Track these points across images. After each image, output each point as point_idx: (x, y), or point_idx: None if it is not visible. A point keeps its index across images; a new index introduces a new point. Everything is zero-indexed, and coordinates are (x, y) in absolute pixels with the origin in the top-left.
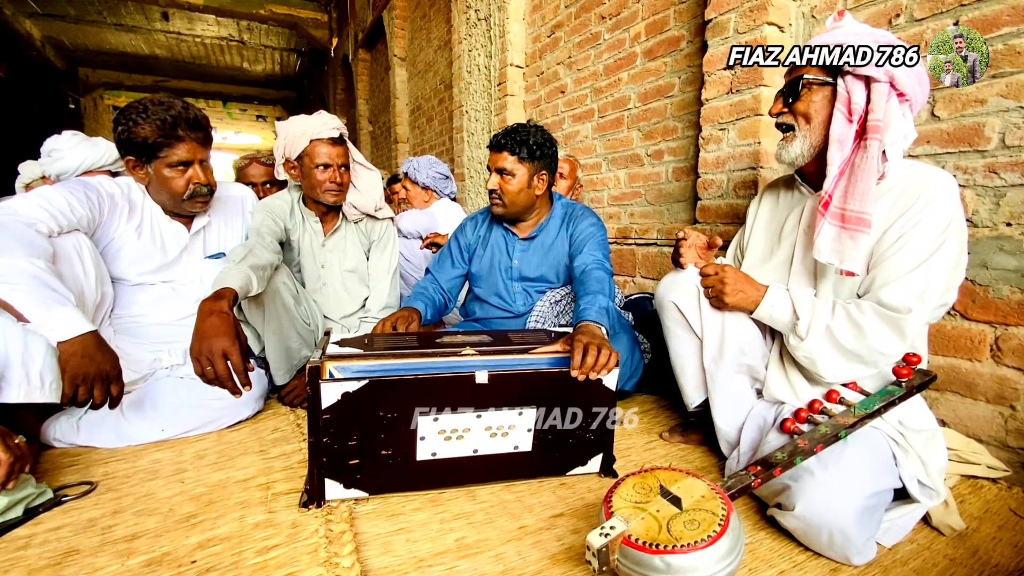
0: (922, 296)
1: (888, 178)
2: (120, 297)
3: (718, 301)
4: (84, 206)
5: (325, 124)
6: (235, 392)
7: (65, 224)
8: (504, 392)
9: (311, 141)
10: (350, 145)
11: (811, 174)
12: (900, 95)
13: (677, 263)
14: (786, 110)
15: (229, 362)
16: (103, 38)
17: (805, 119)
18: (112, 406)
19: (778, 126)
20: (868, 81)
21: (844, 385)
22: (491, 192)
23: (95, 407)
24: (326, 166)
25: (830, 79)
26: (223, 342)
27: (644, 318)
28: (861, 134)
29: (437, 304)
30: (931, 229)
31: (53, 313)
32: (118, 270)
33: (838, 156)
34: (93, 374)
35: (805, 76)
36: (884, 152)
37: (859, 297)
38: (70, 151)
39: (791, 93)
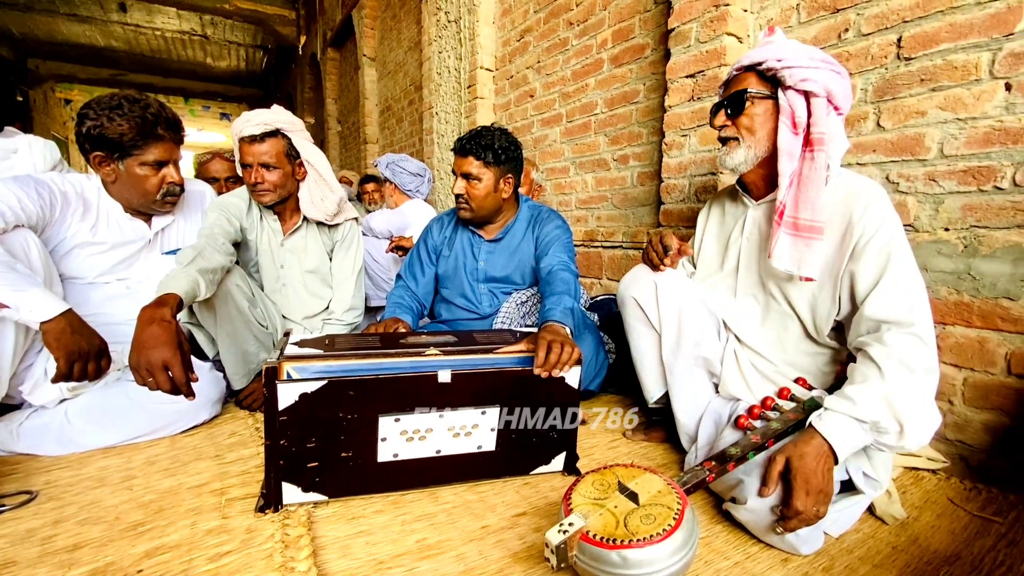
0: (914, 305)
1: (828, 186)
2: (71, 296)
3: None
4: (35, 203)
5: (248, 121)
6: (178, 395)
7: (12, 220)
8: (467, 391)
9: (239, 141)
10: (304, 147)
11: (751, 183)
12: (836, 108)
13: (650, 263)
14: (729, 123)
15: (171, 373)
16: (55, 28)
17: (749, 131)
18: (96, 379)
19: (721, 139)
20: (807, 95)
21: (795, 381)
22: (457, 196)
23: (88, 379)
24: (246, 166)
25: (771, 93)
26: (163, 353)
27: (609, 319)
28: (805, 145)
29: (415, 313)
30: (887, 240)
31: (29, 294)
32: (71, 269)
33: (788, 167)
34: (86, 350)
35: (748, 91)
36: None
37: (847, 325)
38: None
39: (733, 106)
